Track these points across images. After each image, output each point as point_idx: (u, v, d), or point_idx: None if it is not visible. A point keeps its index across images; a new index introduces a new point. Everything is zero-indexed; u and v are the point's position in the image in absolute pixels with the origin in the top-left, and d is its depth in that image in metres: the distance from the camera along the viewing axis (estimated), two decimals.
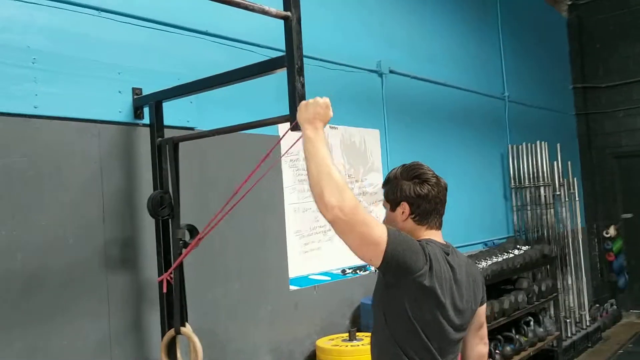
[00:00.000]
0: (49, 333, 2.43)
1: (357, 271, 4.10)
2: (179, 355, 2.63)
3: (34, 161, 2.44)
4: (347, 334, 3.52)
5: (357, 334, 3.59)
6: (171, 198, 2.63)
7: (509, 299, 4.61)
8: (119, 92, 2.76)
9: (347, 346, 3.37)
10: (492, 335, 4.60)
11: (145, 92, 2.83)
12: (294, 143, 2.10)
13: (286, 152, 2.48)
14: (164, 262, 2.64)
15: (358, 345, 3.39)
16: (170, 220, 2.64)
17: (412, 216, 1.83)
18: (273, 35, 3.30)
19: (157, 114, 2.70)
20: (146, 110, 2.80)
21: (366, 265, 4.17)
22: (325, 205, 1.54)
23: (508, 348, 4.67)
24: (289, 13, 2.05)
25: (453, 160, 5.29)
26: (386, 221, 1.89)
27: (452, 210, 5.07)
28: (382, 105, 4.52)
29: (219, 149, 3.19)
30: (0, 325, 2.29)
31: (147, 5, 2.92)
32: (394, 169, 1.97)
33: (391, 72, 4.58)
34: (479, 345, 2.02)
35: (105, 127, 2.70)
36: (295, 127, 2.09)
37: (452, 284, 1.75)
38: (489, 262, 4.63)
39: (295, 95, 2.08)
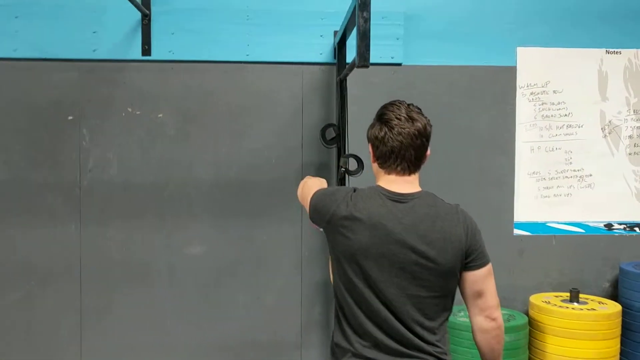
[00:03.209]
0: (254, 228, 3.20)
1: (635, 228, 3.34)
2: None
3: (247, 98, 3.17)
4: (568, 294, 3.06)
5: (583, 296, 3.07)
6: (340, 130, 2.94)
7: None
8: (321, 36, 3.17)
9: (566, 307, 2.95)
10: None
11: (349, 35, 3.14)
12: None
13: None
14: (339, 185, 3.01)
15: (574, 309, 2.92)
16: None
17: (376, 158, 1.72)
18: None
19: (340, 53, 3.00)
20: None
21: None
22: None
23: None
24: None
25: None
26: None
27: None
28: None
29: (430, 83, 3.21)
30: (221, 218, 3.18)
31: None
32: None
33: None
34: (477, 316, 1.68)
35: (307, 68, 3.18)
36: (359, 65, 2.15)
37: (389, 232, 1.61)
38: None
39: (358, 30, 2.13)
